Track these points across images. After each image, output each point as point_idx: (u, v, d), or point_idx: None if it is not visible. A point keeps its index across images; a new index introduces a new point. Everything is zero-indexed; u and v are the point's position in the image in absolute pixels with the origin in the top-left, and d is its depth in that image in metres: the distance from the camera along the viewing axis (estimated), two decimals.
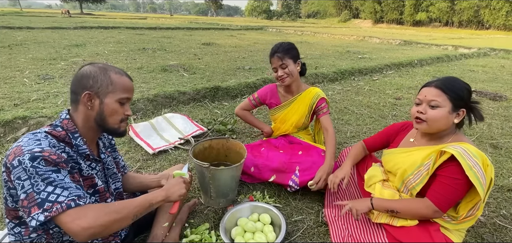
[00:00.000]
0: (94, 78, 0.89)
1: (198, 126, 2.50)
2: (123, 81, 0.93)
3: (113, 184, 1.06)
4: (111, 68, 0.93)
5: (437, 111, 1.07)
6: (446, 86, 1.07)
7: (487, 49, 9.58)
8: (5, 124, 2.20)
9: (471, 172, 0.96)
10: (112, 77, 0.91)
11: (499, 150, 2.32)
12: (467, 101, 1.08)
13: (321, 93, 1.74)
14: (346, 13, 52.12)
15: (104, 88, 0.89)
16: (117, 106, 0.92)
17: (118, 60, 5.28)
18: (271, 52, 1.66)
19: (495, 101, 3.77)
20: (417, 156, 1.16)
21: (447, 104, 1.06)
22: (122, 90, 0.92)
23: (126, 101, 0.95)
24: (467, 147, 1.01)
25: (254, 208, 1.38)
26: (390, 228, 1.15)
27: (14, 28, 10.25)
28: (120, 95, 0.92)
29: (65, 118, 0.90)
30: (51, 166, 0.76)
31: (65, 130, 0.88)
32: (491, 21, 32.23)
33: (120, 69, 0.96)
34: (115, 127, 0.94)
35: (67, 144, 0.87)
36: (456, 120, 1.09)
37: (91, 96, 0.88)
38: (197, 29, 15.11)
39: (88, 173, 0.91)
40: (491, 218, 1.51)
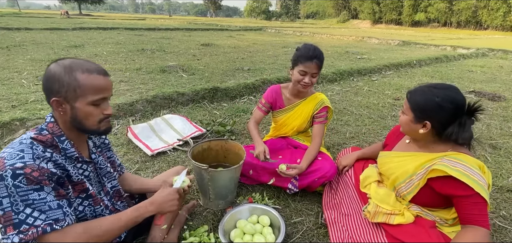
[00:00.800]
0: (59, 82, 0.80)
1: (197, 127, 2.49)
2: (93, 81, 0.82)
3: (108, 183, 1.04)
4: (78, 67, 0.82)
5: (402, 117, 1.15)
6: (411, 95, 1.10)
7: (486, 49, 9.62)
8: (3, 125, 2.18)
9: (479, 187, 0.93)
10: (79, 78, 0.80)
11: (498, 150, 2.32)
12: (434, 114, 1.03)
13: (326, 101, 1.68)
14: (344, 13, 52.22)
15: (71, 93, 0.80)
16: (90, 109, 0.84)
17: (117, 61, 5.27)
18: (309, 56, 1.48)
19: (493, 101, 3.78)
20: (409, 165, 1.14)
21: (409, 114, 1.10)
22: (93, 92, 0.82)
23: (101, 101, 0.86)
24: (464, 159, 0.99)
25: (253, 210, 1.37)
26: (388, 227, 1.15)
27: (12, 29, 10.22)
28: (91, 98, 0.82)
29: (50, 121, 0.86)
30: (33, 184, 0.73)
31: (51, 134, 0.84)
32: (489, 21, 32.37)
33: (91, 65, 0.84)
34: (93, 129, 0.87)
35: (54, 148, 0.83)
36: (422, 130, 1.07)
37: (59, 103, 0.81)
38: (196, 30, 15.11)
39: (78, 178, 0.87)
40: (490, 219, 1.51)
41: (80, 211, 0.89)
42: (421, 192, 1.09)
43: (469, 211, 0.97)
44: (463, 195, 0.97)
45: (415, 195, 1.11)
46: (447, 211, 1.11)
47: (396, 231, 1.11)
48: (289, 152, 1.73)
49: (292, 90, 1.70)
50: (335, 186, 1.54)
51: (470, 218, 0.97)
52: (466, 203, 0.97)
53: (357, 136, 2.55)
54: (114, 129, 2.45)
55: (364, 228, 1.22)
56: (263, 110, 1.77)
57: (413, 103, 1.08)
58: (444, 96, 1.02)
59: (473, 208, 0.96)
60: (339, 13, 54.42)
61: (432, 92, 1.04)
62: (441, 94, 1.03)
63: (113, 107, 2.70)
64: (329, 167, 1.52)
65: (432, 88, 1.06)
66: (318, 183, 1.52)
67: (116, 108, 2.71)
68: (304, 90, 1.61)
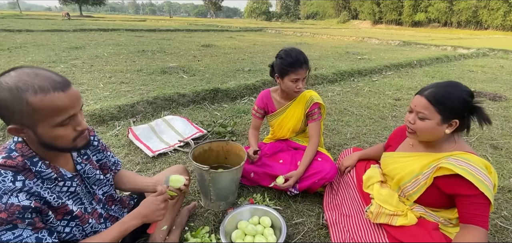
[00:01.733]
0: (8, 109, 0.65)
1: (198, 128, 2.49)
2: (49, 101, 0.66)
3: (99, 190, 0.96)
4: (27, 87, 0.64)
5: (425, 123, 1.05)
6: (436, 98, 1.02)
7: (486, 49, 9.61)
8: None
9: (484, 186, 0.93)
10: (32, 101, 0.65)
11: (499, 151, 2.31)
12: (462, 110, 1.02)
13: (316, 97, 1.67)
14: (345, 14, 52.27)
15: (27, 118, 0.66)
16: (59, 131, 0.70)
17: (117, 62, 5.29)
18: (297, 63, 1.48)
19: (494, 101, 3.77)
20: (415, 165, 1.13)
21: (435, 117, 1.03)
22: (54, 114, 0.68)
23: (69, 120, 0.72)
24: (471, 159, 0.99)
25: (254, 211, 1.37)
26: (390, 228, 1.15)
27: (13, 31, 10.26)
28: (54, 121, 0.68)
29: (18, 141, 0.73)
30: (3, 225, 0.65)
31: (21, 156, 0.72)
32: (489, 21, 32.36)
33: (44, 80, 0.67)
34: (69, 147, 0.75)
35: (27, 172, 0.72)
36: (448, 130, 1.04)
37: (18, 130, 0.68)
38: (197, 31, 15.14)
39: (58, 203, 0.77)
40: (492, 219, 1.50)
41: (67, 233, 0.81)
42: (427, 192, 1.09)
43: (471, 211, 0.97)
44: (467, 194, 0.97)
45: (421, 195, 1.11)
46: (451, 211, 1.11)
47: (398, 232, 1.11)
48: (289, 154, 1.73)
49: (281, 94, 1.70)
50: (336, 187, 1.54)
51: (470, 217, 0.97)
52: (469, 203, 0.97)
53: (358, 136, 2.55)
54: (115, 130, 2.46)
55: (366, 229, 1.22)
56: (258, 116, 1.79)
57: (440, 105, 1.02)
58: (465, 91, 1.03)
59: (475, 208, 0.96)
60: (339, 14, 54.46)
61: (453, 89, 1.02)
62: (460, 89, 1.03)
63: (114, 108, 2.70)
64: (330, 168, 1.52)
65: (447, 86, 1.04)
66: (318, 185, 1.52)
67: (117, 109, 2.71)
68: (296, 95, 1.65)
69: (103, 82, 3.82)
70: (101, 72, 4.45)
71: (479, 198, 0.95)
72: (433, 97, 1.03)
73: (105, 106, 2.70)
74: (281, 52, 1.57)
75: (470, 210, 0.97)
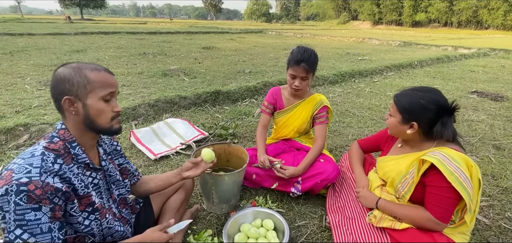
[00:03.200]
0: (70, 81, 0.82)
1: (200, 131, 2.49)
2: (101, 77, 0.85)
3: (116, 190, 1.04)
4: (86, 66, 0.85)
5: (390, 120, 1.20)
6: (398, 98, 1.16)
7: (487, 49, 9.60)
8: (7, 131, 2.20)
9: (453, 177, 0.97)
10: (88, 75, 0.83)
11: (502, 151, 2.30)
12: (420, 115, 1.10)
13: (325, 101, 1.70)
14: (345, 15, 52.29)
15: (82, 89, 0.83)
16: (102, 105, 0.85)
17: (119, 65, 5.30)
18: (296, 59, 1.49)
19: (496, 101, 3.76)
20: (402, 165, 1.19)
21: (397, 116, 1.16)
22: (103, 86, 0.85)
23: (111, 97, 0.88)
24: (447, 152, 1.03)
25: (257, 214, 1.37)
26: (393, 232, 1.15)
27: (15, 35, 10.31)
28: (102, 93, 0.85)
29: (61, 128, 0.86)
30: (33, 203, 0.73)
31: (63, 140, 0.84)
32: (490, 21, 32.31)
33: (97, 65, 0.88)
34: (106, 127, 0.88)
35: (65, 157, 0.83)
36: (410, 131, 1.14)
37: (71, 101, 0.83)
38: (197, 33, 15.18)
39: (84, 192, 0.86)
40: (496, 220, 1.50)
41: (86, 225, 0.87)
42: (417, 190, 1.12)
43: (433, 201, 1.04)
44: (435, 185, 1.03)
45: (412, 194, 1.14)
46: None
47: (401, 235, 1.11)
48: (291, 154, 1.73)
49: (290, 91, 1.71)
50: (338, 189, 1.54)
51: (429, 207, 1.05)
52: (434, 193, 1.03)
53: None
54: None
55: (369, 231, 1.22)
56: (267, 112, 1.79)
57: (400, 106, 1.15)
58: (428, 98, 1.10)
59: (439, 199, 1.02)
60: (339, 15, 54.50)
61: (417, 95, 1.12)
62: (425, 96, 1.10)
63: None
64: (332, 169, 1.51)
65: (416, 91, 1.13)
66: (321, 186, 1.52)
67: None
68: (296, 93, 1.64)
69: None
70: None
71: (445, 191, 1.00)
72: (396, 98, 1.17)
73: None
74: (294, 48, 1.61)
75: (432, 200, 1.04)
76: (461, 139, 1.21)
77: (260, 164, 1.59)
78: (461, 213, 1.08)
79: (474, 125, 2.88)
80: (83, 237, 0.89)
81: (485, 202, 1.65)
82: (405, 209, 1.14)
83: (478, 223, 1.46)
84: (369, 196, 1.28)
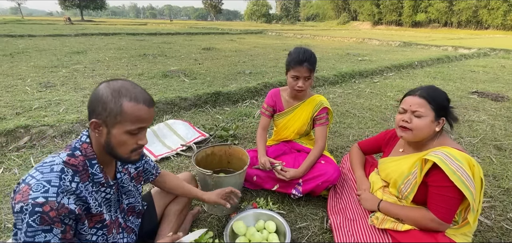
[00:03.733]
0: (104, 105, 0.79)
1: (200, 132, 2.49)
2: (136, 110, 0.81)
3: (126, 200, 1.04)
4: (127, 94, 0.80)
5: (422, 121, 1.11)
6: (430, 96, 1.11)
7: (487, 49, 9.60)
8: (7, 133, 2.20)
9: (455, 176, 0.97)
10: (124, 106, 0.79)
11: (503, 152, 2.30)
12: (447, 109, 1.13)
13: (325, 102, 1.69)
14: (344, 15, 52.30)
15: (112, 118, 0.80)
16: (126, 138, 0.82)
17: (119, 67, 5.31)
18: (298, 60, 1.49)
19: (497, 102, 3.76)
20: (404, 165, 1.19)
21: (430, 114, 1.10)
22: (133, 121, 0.81)
23: (138, 131, 0.84)
24: (449, 151, 1.02)
25: (258, 215, 1.37)
26: (395, 234, 1.14)
27: (15, 36, 10.32)
28: (129, 127, 0.81)
29: (85, 141, 0.85)
30: (45, 225, 0.71)
31: (84, 156, 0.83)
32: (489, 21, 32.31)
33: (139, 94, 0.83)
34: (124, 157, 0.86)
35: (83, 174, 0.82)
36: (437, 128, 1.13)
37: (98, 125, 0.81)
38: (197, 34, 15.19)
39: (98, 211, 0.86)
40: (498, 221, 1.49)
41: (93, 241, 0.88)
42: (420, 191, 1.12)
43: (436, 202, 1.03)
44: (437, 184, 1.02)
45: (416, 195, 1.13)
46: None
47: (403, 236, 1.11)
48: (292, 156, 1.73)
49: (290, 93, 1.71)
50: (340, 190, 1.53)
51: (432, 208, 1.04)
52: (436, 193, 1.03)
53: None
54: None
55: (370, 233, 1.21)
56: (267, 114, 1.78)
57: (434, 103, 1.10)
58: (445, 93, 1.15)
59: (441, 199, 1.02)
60: (339, 15, 54.53)
61: (439, 91, 1.14)
62: (442, 91, 1.15)
63: None
64: (333, 171, 1.51)
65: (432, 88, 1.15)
66: (322, 187, 1.51)
67: None
68: (299, 94, 1.63)
69: None
70: (102, 76, 4.46)
71: (448, 191, 0.99)
72: (428, 95, 1.12)
73: None
74: (291, 49, 1.60)
75: (435, 200, 1.03)
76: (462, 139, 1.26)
77: (261, 166, 1.59)
78: (464, 213, 1.08)
79: (475, 125, 2.87)
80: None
81: (486, 203, 1.64)
82: (407, 210, 1.13)
83: (480, 224, 1.46)
84: (370, 198, 1.28)
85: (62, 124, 2.40)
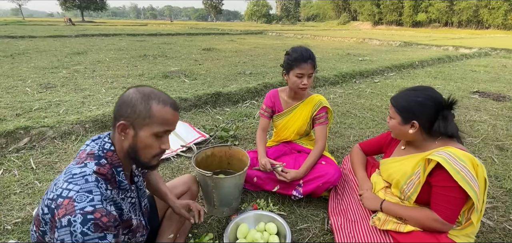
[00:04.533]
0: (133, 107, 0.80)
1: (200, 133, 2.48)
2: (164, 113, 0.82)
3: (143, 201, 1.03)
4: (155, 97, 0.82)
5: (391, 122, 1.20)
6: (395, 99, 1.17)
7: (488, 49, 9.57)
8: (8, 134, 2.19)
9: (459, 176, 0.96)
10: (153, 108, 0.81)
11: (505, 152, 2.29)
12: (419, 113, 1.10)
13: (324, 101, 1.69)
14: (345, 15, 52.30)
15: (140, 120, 0.80)
16: (152, 141, 0.82)
17: (119, 67, 5.31)
18: (303, 58, 1.49)
19: (498, 101, 3.74)
20: (407, 166, 1.18)
21: (396, 117, 1.16)
22: (161, 123, 0.82)
23: (164, 134, 0.85)
24: (453, 151, 1.02)
25: (258, 217, 1.36)
26: (396, 235, 1.14)
27: (16, 37, 10.34)
28: (157, 129, 0.82)
29: (109, 149, 0.83)
30: (99, 231, 0.70)
31: (110, 164, 0.82)
32: (490, 20, 32.28)
33: (166, 97, 0.85)
34: (145, 161, 0.85)
35: (111, 182, 0.81)
36: (411, 131, 1.13)
37: (125, 127, 0.81)
38: (197, 35, 15.20)
39: (128, 216, 0.87)
40: (500, 223, 1.48)
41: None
42: (423, 191, 1.11)
43: (440, 202, 1.02)
44: (441, 185, 1.02)
45: (419, 195, 1.12)
46: None
47: (405, 238, 1.10)
48: (292, 157, 1.72)
49: (289, 93, 1.71)
50: (340, 191, 1.52)
51: (436, 208, 1.03)
52: (441, 193, 1.02)
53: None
54: None
55: (371, 234, 1.20)
56: (266, 116, 1.77)
57: (398, 106, 1.15)
58: (423, 95, 1.11)
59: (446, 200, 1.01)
60: (339, 15, 54.52)
61: (412, 94, 1.13)
62: (420, 94, 1.12)
63: None
64: (334, 172, 1.50)
65: (411, 90, 1.15)
66: (323, 189, 1.50)
67: None
68: (303, 92, 1.63)
69: (105, 88, 3.84)
70: (103, 77, 4.46)
71: (452, 191, 0.99)
72: (394, 100, 1.17)
73: (107, 111, 2.70)
74: (289, 49, 1.60)
75: (438, 200, 1.03)
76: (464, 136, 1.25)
77: (261, 167, 1.58)
78: (467, 214, 1.07)
79: (476, 125, 2.86)
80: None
81: (489, 203, 1.63)
82: (410, 210, 1.13)
83: (482, 225, 1.45)
84: (373, 198, 1.27)
85: (62, 125, 2.40)
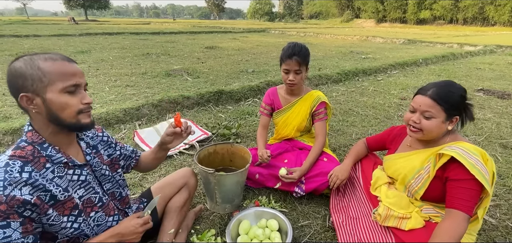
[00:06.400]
0: (23, 76, 0.73)
1: (203, 131, 2.50)
2: (58, 67, 0.76)
3: (105, 185, 0.98)
4: (39, 56, 0.76)
5: (431, 122, 1.08)
6: (440, 97, 1.05)
7: (494, 46, 9.44)
8: (13, 132, 2.23)
9: (475, 169, 0.96)
10: (42, 66, 0.74)
11: (509, 150, 2.27)
12: (461, 107, 1.08)
13: (322, 97, 1.70)
14: (348, 13, 51.89)
15: (38, 84, 0.74)
16: (65, 98, 0.76)
17: (123, 66, 5.34)
18: (288, 53, 1.52)
19: (503, 99, 3.70)
20: (416, 160, 1.16)
21: (441, 115, 1.06)
22: (62, 77, 0.76)
23: (75, 88, 0.78)
24: (465, 146, 1.02)
25: (260, 214, 1.37)
26: (398, 232, 1.14)
27: (21, 37, 10.45)
28: (62, 85, 0.75)
29: (28, 130, 0.79)
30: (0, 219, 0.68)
31: (31, 144, 0.78)
32: (496, 17, 31.77)
33: (53, 54, 0.79)
34: (72, 122, 0.79)
35: (36, 162, 0.77)
36: (450, 127, 1.09)
37: (29, 98, 0.74)
38: (200, 33, 15.21)
39: (65, 196, 0.81)
40: (503, 220, 1.47)
41: (75, 228, 0.84)
42: (431, 186, 1.10)
43: (457, 195, 1.00)
44: (457, 178, 1.00)
45: (426, 190, 1.12)
46: None
47: (406, 235, 1.10)
48: (294, 154, 1.73)
49: (286, 90, 1.74)
50: (342, 189, 1.53)
51: (455, 201, 0.99)
52: (457, 186, 1.01)
53: (363, 136, 2.51)
54: (121, 133, 2.48)
55: (373, 231, 1.21)
56: (266, 113, 1.79)
57: (444, 104, 1.05)
58: (460, 89, 1.08)
59: (462, 192, 0.99)
60: (342, 13, 54.10)
61: (452, 89, 1.07)
62: (457, 88, 1.08)
63: (120, 111, 2.73)
64: None
65: (448, 86, 1.08)
66: (324, 186, 1.51)
67: (123, 113, 2.74)
68: (292, 88, 1.65)
69: (108, 86, 3.87)
70: (106, 75, 4.50)
71: (469, 183, 0.98)
72: (438, 96, 1.06)
73: (111, 109, 2.73)
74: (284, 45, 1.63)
75: (456, 194, 1.00)
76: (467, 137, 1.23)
77: (259, 158, 1.60)
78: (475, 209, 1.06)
79: (480, 123, 2.84)
80: (77, 238, 0.86)
81: (491, 201, 1.62)
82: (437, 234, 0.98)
83: (484, 223, 1.44)
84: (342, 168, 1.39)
85: None
